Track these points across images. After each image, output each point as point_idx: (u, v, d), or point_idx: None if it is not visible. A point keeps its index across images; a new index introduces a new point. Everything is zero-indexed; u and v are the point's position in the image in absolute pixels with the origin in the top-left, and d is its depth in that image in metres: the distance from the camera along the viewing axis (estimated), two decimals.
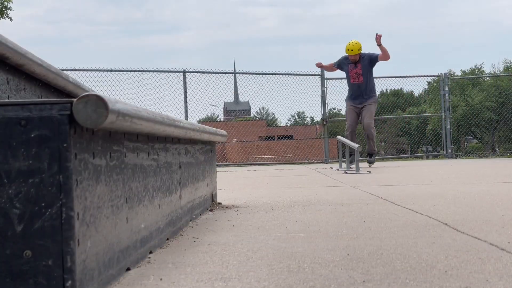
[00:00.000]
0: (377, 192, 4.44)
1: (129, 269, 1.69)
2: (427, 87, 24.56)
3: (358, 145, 7.97)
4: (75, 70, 11.97)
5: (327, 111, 13.29)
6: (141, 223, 1.83)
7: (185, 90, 12.63)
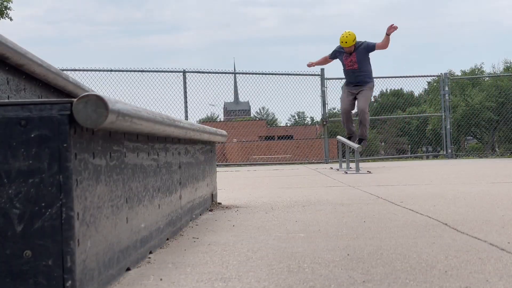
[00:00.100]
0: (377, 192, 4.44)
1: (129, 269, 1.69)
2: (427, 87, 24.56)
3: (358, 145, 7.96)
4: (75, 70, 11.98)
5: (327, 111, 13.30)
6: (141, 223, 1.83)
7: (185, 90, 12.63)
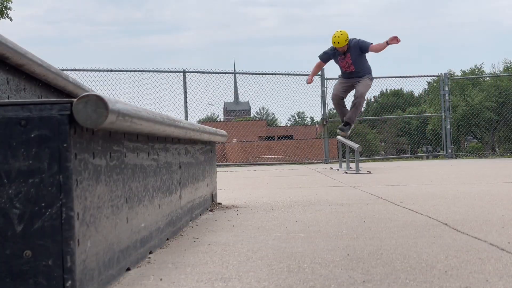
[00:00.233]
0: (377, 192, 4.44)
1: (129, 269, 1.69)
2: (427, 87, 24.55)
3: (358, 145, 7.97)
4: (75, 70, 11.97)
5: (327, 111, 13.29)
6: (141, 223, 1.83)
7: (185, 90, 12.63)
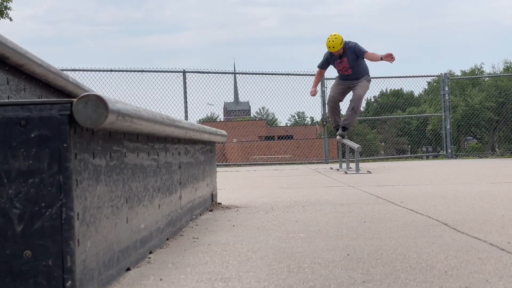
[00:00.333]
0: (377, 192, 4.44)
1: (129, 269, 1.69)
2: (427, 87, 24.55)
3: (358, 145, 7.97)
4: (75, 70, 11.97)
5: (327, 111, 13.29)
6: (141, 223, 1.83)
7: (185, 90, 12.63)
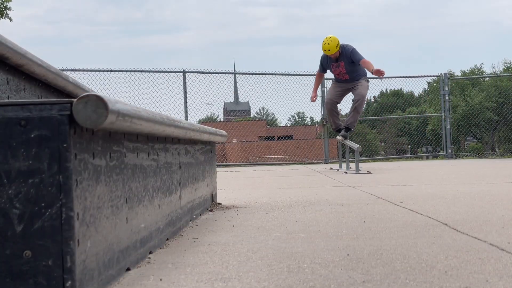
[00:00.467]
0: (377, 192, 4.44)
1: (129, 269, 1.69)
2: (427, 87, 24.55)
3: (358, 145, 7.97)
4: (75, 70, 11.97)
5: (326, 112, 13.28)
6: (141, 223, 1.83)
7: (185, 90, 12.63)
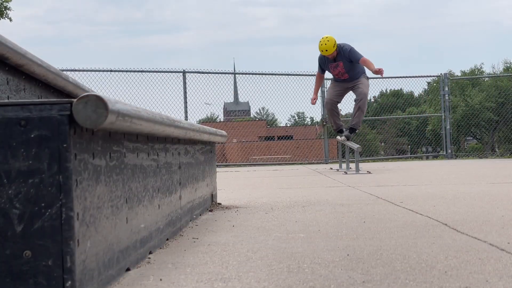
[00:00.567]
0: (377, 192, 4.44)
1: (129, 270, 1.69)
2: (427, 87, 24.56)
3: (358, 146, 7.97)
4: (75, 70, 11.98)
5: (326, 112, 13.28)
6: (141, 223, 1.83)
7: (185, 91, 12.63)
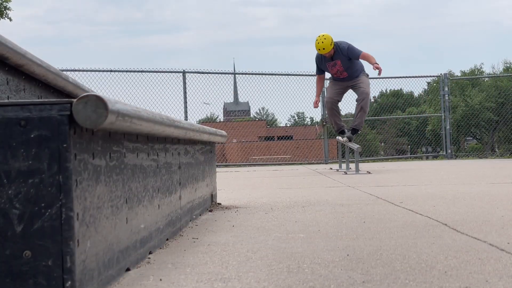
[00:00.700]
0: (376, 192, 4.44)
1: (128, 270, 1.69)
2: (426, 87, 24.56)
3: (358, 146, 7.97)
4: (74, 70, 11.98)
5: (326, 112, 13.27)
6: (140, 224, 1.83)
7: (185, 91, 12.64)
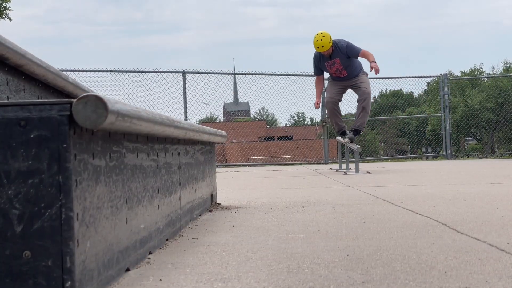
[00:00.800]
0: (376, 192, 4.44)
1: (128, 270, 1.69)
2: (426, 87, 24.58)
3: (358, 146, 7.97)
4: (74, 70, 11.99)
5: (326, 112, 13.27)
6: (140, 224, 1.83)
7: (185, 91, 12.64)
